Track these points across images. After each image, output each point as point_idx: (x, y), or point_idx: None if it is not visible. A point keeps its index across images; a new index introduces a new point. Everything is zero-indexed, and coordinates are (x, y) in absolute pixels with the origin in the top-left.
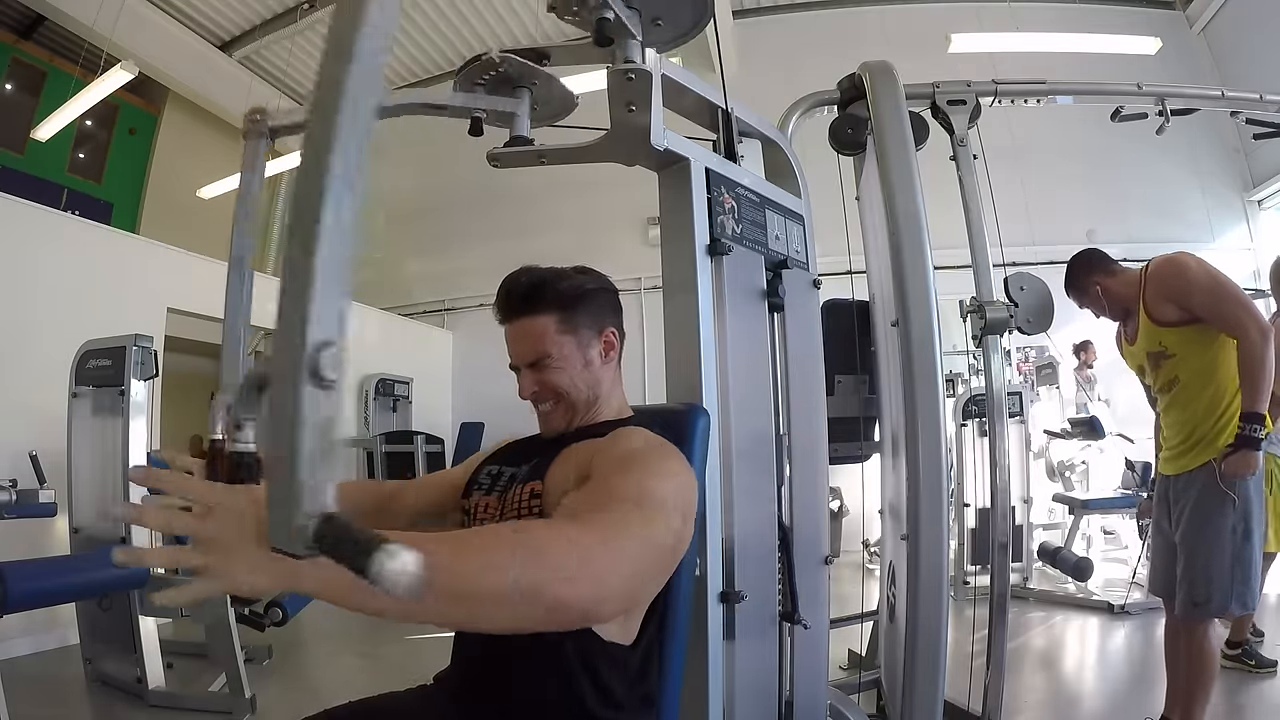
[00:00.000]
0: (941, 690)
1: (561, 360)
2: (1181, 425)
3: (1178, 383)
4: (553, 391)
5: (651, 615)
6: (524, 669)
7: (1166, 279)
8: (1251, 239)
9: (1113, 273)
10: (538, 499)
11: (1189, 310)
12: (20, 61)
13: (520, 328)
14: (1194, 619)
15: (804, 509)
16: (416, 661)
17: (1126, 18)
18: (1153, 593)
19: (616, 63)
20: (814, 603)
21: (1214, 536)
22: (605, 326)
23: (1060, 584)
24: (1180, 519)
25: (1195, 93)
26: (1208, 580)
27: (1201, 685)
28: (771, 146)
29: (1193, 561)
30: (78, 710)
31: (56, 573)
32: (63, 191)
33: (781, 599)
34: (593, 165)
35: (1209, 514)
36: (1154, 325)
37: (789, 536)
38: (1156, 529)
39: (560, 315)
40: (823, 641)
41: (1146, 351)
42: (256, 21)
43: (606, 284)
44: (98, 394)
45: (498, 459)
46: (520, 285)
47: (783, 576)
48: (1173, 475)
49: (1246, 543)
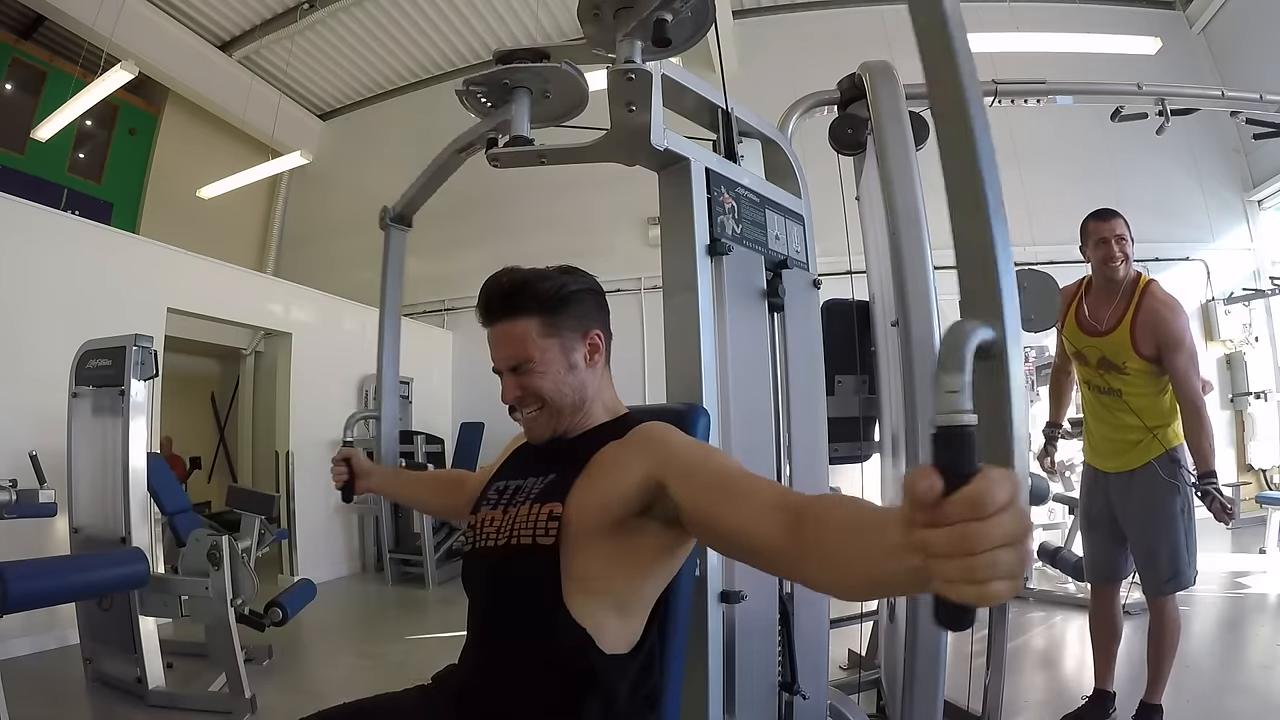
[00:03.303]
0: (941, 690)
1: (544, 365)
2: (1117, 429)
3: (1119, 395)
4: (536, 396)
5: (653, 619)
6: (525, 678)
7: (1164, 321)
8: (1251, 239)
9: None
10: (556, 521)
11: (1161, 354)
12: (20, 61)
13: (501, 331)
14: (1165, 594)
15: None
16: (416, 661)
17: (1126, 18)
18: (1090, 580)
19: (617, 63)
20: (814, 603)
21: (1169, 522)
22: (589, 329)
23: (1060, 584)
24: (1133, 511)
25: (1195, 93)
26: (1172, 559)
27: (1171, 653)
28: (771, 146)
29: (1155, 547)
30: (78, 710)
31: (56, 573)
32: (63, 191)
33: (781, 670)
34: (593, 165)
35: (1160, 504)
36: (1130, 346)
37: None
38: (1089, 521)
39: (542, 318)
40: (823, 641)
41: (1105, 355)
42: (256, 21)
43: (592, 284)
44: (98, 394)
45: (504, 473)
46: (501, 287)
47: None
48: (1111, 472)
49: (1192, 521)
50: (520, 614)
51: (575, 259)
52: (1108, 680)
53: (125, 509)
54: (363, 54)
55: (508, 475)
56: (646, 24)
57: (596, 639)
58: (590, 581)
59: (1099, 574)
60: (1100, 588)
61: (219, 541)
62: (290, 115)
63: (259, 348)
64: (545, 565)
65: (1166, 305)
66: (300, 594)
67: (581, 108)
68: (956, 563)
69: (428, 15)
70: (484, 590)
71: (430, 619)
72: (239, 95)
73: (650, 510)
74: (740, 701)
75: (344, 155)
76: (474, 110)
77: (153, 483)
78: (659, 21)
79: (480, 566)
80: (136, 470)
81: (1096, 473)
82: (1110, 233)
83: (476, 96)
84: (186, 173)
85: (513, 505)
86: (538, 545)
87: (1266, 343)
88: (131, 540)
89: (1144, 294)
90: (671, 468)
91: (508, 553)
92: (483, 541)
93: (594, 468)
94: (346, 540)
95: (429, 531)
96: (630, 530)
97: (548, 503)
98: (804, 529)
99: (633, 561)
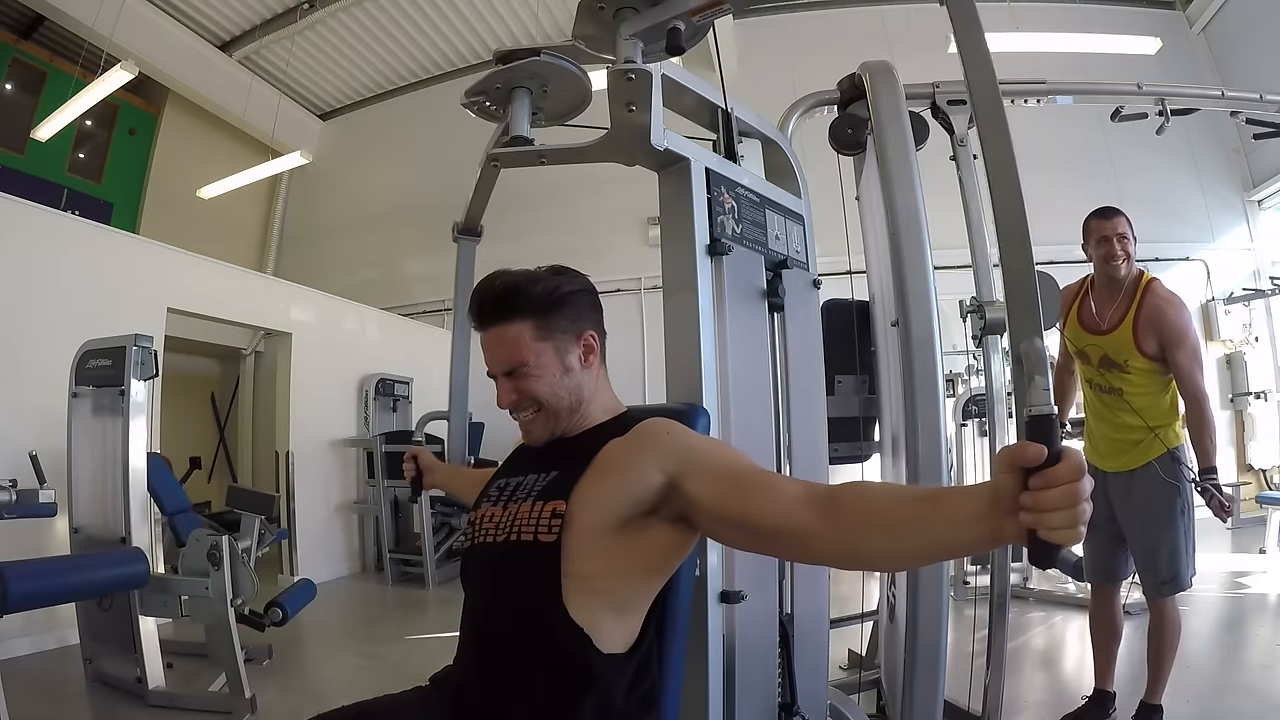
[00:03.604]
0: (941, 690)
1: (539, 368)
2: (1118, 428)
3: (1120, 394)
4: (532, 400)
5: (651, 618)
6: (522, 677)
7: (1166, 318)
8: (1251, 239)
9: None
10: (559, 519)
11: (1164, 352)
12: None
13: (495, 335)
14: (1164, 595)
15: None
16: (416, 661)
17: (1126, 18)
18: (1090, 580)
19: (617, 63)
20: (814, 602)
21: (1169, 522)
22: (583, 330)
23: (1060, 584)
24: (1133, 511)
25: (1195, 93)
26: (1172, 560)
27: (1171, 653)
28: (771, 146)
29: (1155, 547)
30: (78, 710)
31: (56, 573)
32: (63, 191)
33: (781, 689)
34: (593, 165)
35: (1161, 504)
36: (1133, 344)
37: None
38: (1093, 521)
39: (535, 321)
40: (823, 641)
41: (1107, 354)
42: (256, 21)
43: (585, 284)
44: (98, 394)
45: (506, 471)
46: (493, 291)
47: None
48: (1112, 472)
49: (1190, 522)
50: (518, 611)
51: (575, 259)
52: (1108, 680)
53: (125, 509)
54: (363, 54)
55: (509, 473)
56: (659, 30)
57: (594, 638)
58: (589, 580)
59: (1099, 574)
60: (1100, 588)
61: (219, 541)
62: (290, 115)
63: (259, 348)
64: (545, 562)
65: (1169, 302)
66: (300, 594)
67: (585, 104)
68: (1063, 514)
69: (428, 15)
70: (482, 586)
71: (430, 619)
72: (239, 95)
73: (658, 509)
74: (740, 701)
75: (344, 155)
76: (485, 118)
77: (153, 483)
78: (673, 30)
79: (480, 562)
80: (136, 470)
81: (1097, 472)
82: (1112, 231)
83: (483, 104)
84: (186, 173)
85: (514, 502)
86: (539, 542)
87: (1266, 343)
88: (131, 540)
89: (1146, 291)
90: (686, 465)
91: (508, 549)
92: (483, 538)
93: (599, 465)
94: (346, 540)
95: (429, 531)
96: (634, 529)
97: (551, 500)
98: (841, 510)
99: (633, 560)
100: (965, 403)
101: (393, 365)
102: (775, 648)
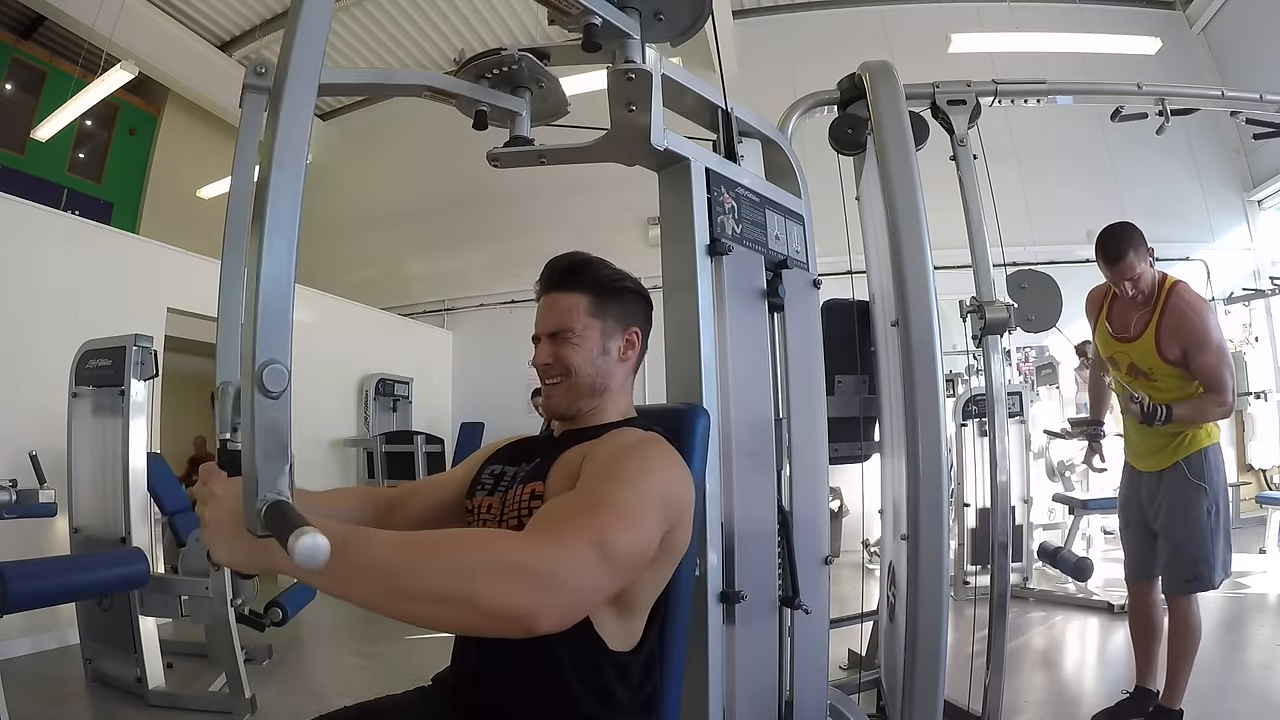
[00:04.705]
0: (941, 690)
1: (581, 339)
2: (1149, 431)
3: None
4: (564, 366)
5: (654, 619)
6: (523, 678)
7: (1188, 322)
8: (1251, 239)
9: (1150, 259)
10: (539, 500)
11: (1188, 357)
12: (20, 61)
13: (553, 299)
14: (1184, 593)
15: (804, 509)
16: (416, 661)
17: (1126, 18)
18: (1127, 576)
19: (616, 63)
20: (814, 602)
21: (1196, 522)
22: (631, 325)
23: (1060, 584)
24: (1159, 510)
25: (1195, 93)
26: (1195, 560)
27: (1190, 654)
28: (771, 146)
29: (1179, 545)
30: (78, 710)
31: (56, 573)
32: (63, 191)
33: (781, 586)
34: (593, 165)
35: (1186, 503)
36: (1156, 352)
37: (789, 520)
38: (1125, 518)
39: (593, 299)
40: (823, 641)
41: (1133, 361)
42: (256, 21)
43: (643, 291)
44: (98, 394)
45: (500, 459)
46: (564, 262)
47: (783, 563)
48: (1144, 472)
49: (1221, 519)
50: None
51: None
52: (1149, 678)
53: (125, 509)
54: (363, 54)
55: (502, 461)
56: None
57: (597, 634)
58: None
59: (1134, 570)
60: (1136, 584)
61: None
62: None
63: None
64: None
65: (1191, 306)
66: (300, 594)
67: (561, 106)
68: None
69: (427, 15)
70: None
71: None
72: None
73: None
74: (741, 701)
75: (344, 155)
76: (468, 78)
77: (153, 483)
78: (588, 26)
79: None
80: (136, 470)
81: (1133, 471)
82: (1119, 279)
83: (485, 74)
84: (186, 173)
85: (510, 489)
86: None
87: (1266, 343)
88: (131, 540)
89: (1169, 295)
90: (581, 469)
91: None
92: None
93: (566, 456)
94: None
95: None
96: None
97: (531, 482)
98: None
99: None
100: (965, 403)
101: (392, 365)
102: (775, 647)
